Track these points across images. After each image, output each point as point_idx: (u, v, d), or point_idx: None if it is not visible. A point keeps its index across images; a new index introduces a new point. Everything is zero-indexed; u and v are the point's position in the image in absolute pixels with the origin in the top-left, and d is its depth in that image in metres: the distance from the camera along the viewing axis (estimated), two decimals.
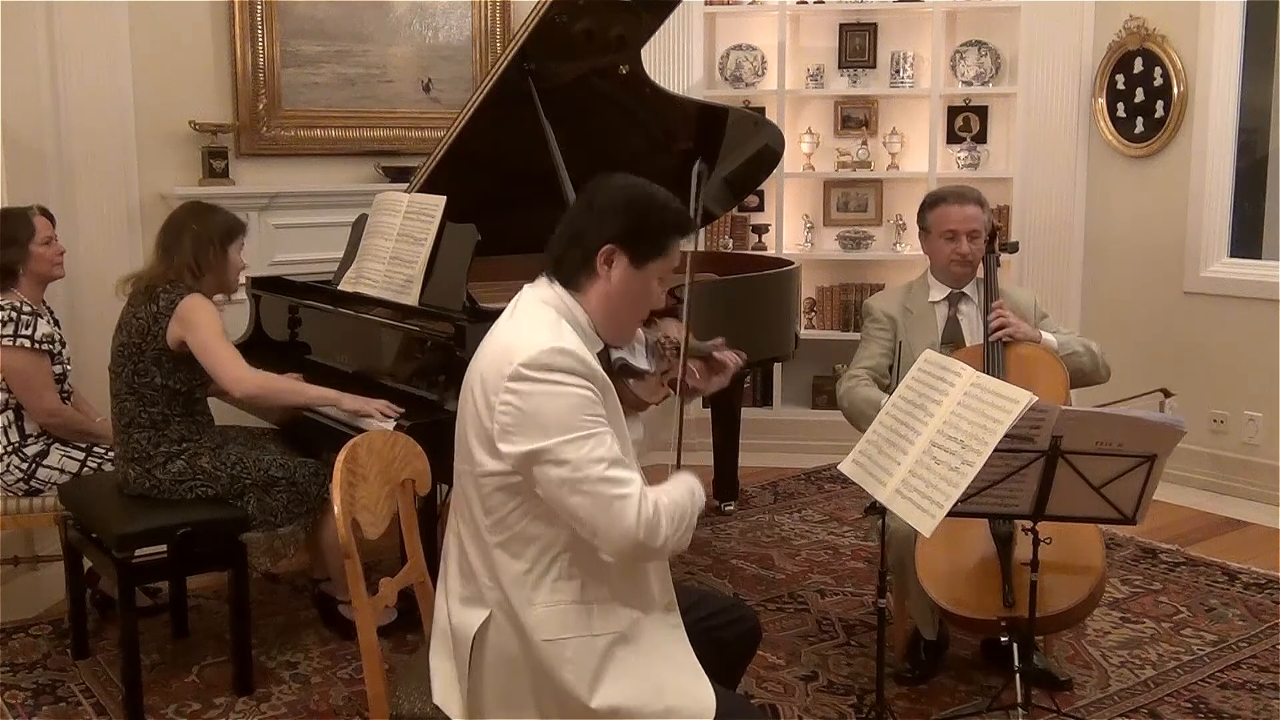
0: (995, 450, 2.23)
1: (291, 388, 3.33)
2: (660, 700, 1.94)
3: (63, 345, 3.56)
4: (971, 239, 3.26)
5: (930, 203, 3.35)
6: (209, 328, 3.12)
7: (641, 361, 2.18)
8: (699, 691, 1.97)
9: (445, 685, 2.03)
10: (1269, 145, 4.99)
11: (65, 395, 3.55)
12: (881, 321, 3.35)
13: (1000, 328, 3.13)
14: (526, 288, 2.07)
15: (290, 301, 3.90)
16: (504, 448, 1.87)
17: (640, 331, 2.24)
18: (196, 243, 3.19)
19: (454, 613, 2.01)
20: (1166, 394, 2.63)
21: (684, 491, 1.98)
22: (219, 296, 3.27)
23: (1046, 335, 3.21)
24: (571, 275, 2.01)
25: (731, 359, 2.32)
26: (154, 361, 3.14)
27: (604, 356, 2.04)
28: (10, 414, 3.45)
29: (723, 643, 2.16)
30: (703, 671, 2.00)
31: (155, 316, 3.12)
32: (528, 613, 1.93)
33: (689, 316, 2.27)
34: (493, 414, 1.88)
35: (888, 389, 3.11)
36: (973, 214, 3.27)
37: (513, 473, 1.90)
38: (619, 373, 2.10)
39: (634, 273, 2.00)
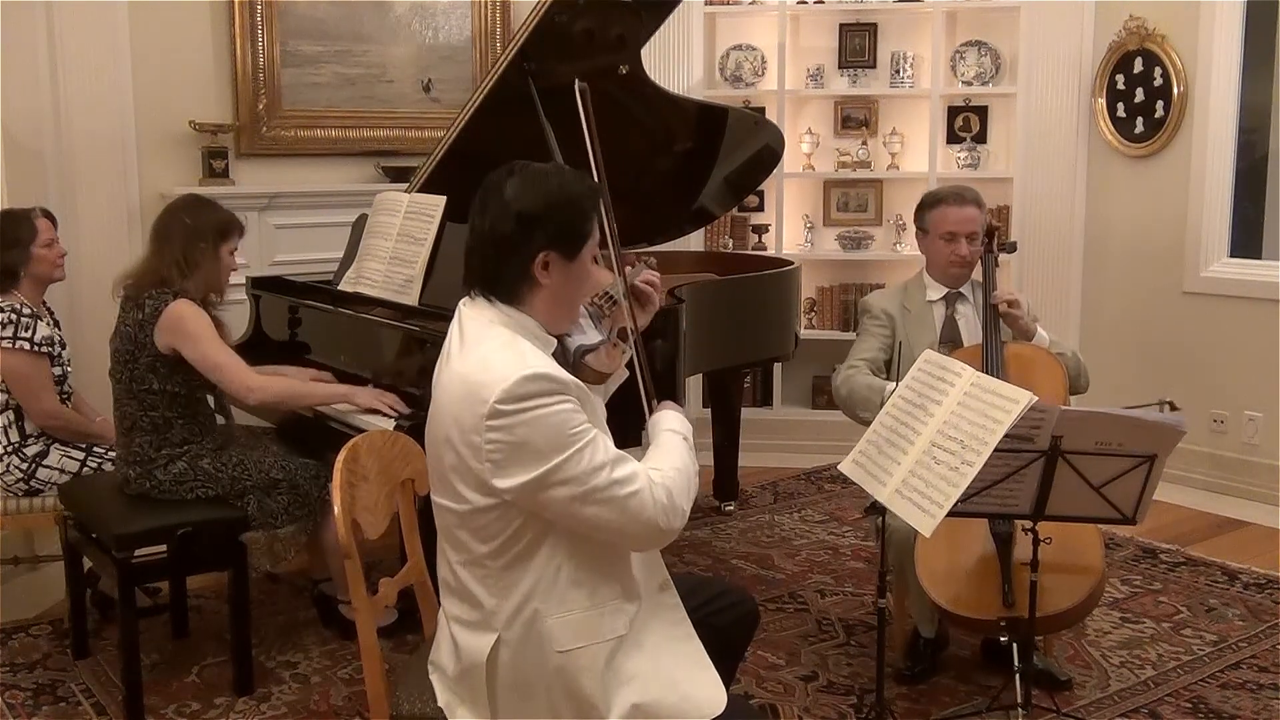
0: (995, 450, 2.23)
1: (306, 390, 3.31)
2: (675, 690, 1.95)
3: (63, 347, 3.56)
4: (970, 240, 3.27)
5: (928, 203, 3.35)
6: (203, 338, 3.07)
7: (593, 334, 2.13)
8: (707, 680, 1.99)
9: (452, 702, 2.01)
10: (1269, 145, 4.99)
11: (65, 397, 3.55)
12: (881, 319, 3.35)
13: (1010, 303, 3.14)
14: (464, 308, 1.98)
15: (290, 301, 3.90)
16: (501, 483, 1.82)
17: None
18: (188, 236, 3.14)
19: (459, 637, 1.98)
20: (1174, 407, 2.63)
21: (678, 451, 2.00)
22: (212, 297, 3.21)
23: (1040, 329, 3.23)
24: (511, 290, 1.94)
25: (653, 276, 2.27)
26: (149, 369, 3.11)
27: (561, 352, 2.02)
28: (10, 414, 3.45)
29: (720, 628, 2.16)
30: (707, 658, 2.02)
31: (141, 324, 3.09)
32: (542, 625, 1.90)
33: (618, 260, 2.20)
34: (479, 454, 1.83)
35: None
36: (971, 215, 3.27)
37: (506, 503, 1.86)
38: (580, 358, 2.08)
39: (572, 266, 1.96)
